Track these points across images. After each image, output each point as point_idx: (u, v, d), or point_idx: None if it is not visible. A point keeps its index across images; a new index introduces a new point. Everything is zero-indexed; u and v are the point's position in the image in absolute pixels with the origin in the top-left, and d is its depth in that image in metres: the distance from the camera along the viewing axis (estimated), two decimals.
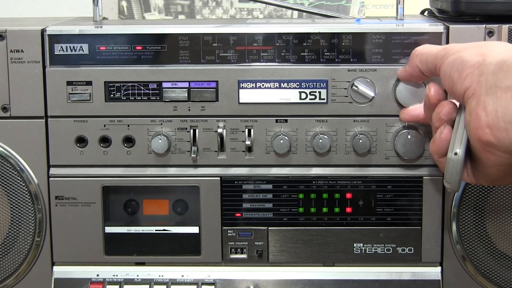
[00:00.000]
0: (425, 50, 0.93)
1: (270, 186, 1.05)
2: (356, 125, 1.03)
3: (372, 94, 1.01)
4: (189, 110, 1.03)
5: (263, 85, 1.02)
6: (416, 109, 0.98)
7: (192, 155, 1.03)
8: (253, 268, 1.07)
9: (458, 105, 0.89)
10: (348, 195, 1.05)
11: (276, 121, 1.03)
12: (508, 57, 0.78)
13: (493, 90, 0.78)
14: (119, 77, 1.02)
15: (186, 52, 1.02)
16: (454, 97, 0.85)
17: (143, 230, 1.07)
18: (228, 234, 1.06)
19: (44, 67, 1.03)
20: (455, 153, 0.84)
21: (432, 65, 0.90)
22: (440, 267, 1.06)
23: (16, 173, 1.04)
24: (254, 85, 1.02)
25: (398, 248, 1.05)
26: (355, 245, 1.06)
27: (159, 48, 1.02)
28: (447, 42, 1.00)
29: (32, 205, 1.05)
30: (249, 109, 1.03)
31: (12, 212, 1.05)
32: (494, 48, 0.82)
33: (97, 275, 1.07)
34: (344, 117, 1.02)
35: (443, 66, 0.87)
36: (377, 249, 1.06)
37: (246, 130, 1.03)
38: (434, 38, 1.00)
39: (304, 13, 1.44)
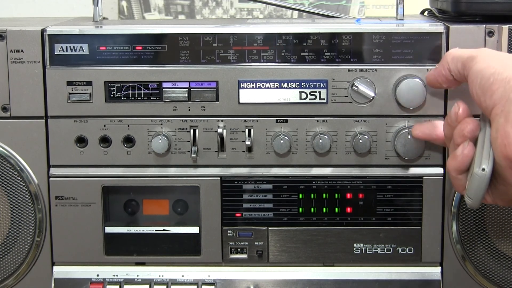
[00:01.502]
0: (459, 50, 0.91)
1: (270, 186, 1.05)
2: (356, 125, 1.03)
3: (372, 94, 1.01)
4: (189, 110, 1.03)
5: (263, 85, 1.02)
6: (430, 128, 0.97)
7: (192, 155, 1.03)
8: (253, 268, 1.07)
9: (480, 120, 0.88)
10: (348, 195, 1.05)
11: (276, 121, 1.03)
12: None
13: None
14: (119, 77, 1.02)
15: (186, 52, 1.02)
16: (480, 107, 0.83)
17: (143, 230, 1.07)
18: (228, 234, 1.06)
19: (44, 67, 1.03)
20: (483, 169, 0.83)
21: (462, 65, 0.88)
22: (440, 267, 1.06)
23: (16, 173, 1.04)
24: (254, 85, 1.02)
25: (398, 248, 1.05)
26: (355, 245, 1.06)
27: (159, 48, 1.02)
28: (447, 42, 1.00)
29: (32, 205, 1.05)
30: (249, 109, 1.03)
31: (12, 212, 1.05)
32: None
33: (97, 275, 1.07)
34: (344, 117, 1.02)
35: (471, 71, 0.85)
36: (377, 249, 1.06)
37: (246, 130, 1.03)
38: (434, 38, 1.00)
39: (304, 13, 1.44)
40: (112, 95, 1.03)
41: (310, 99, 1.02)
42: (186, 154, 1.04)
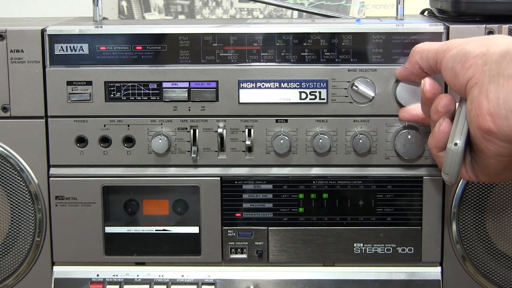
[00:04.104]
0: (426, 46, 0.93)
1: (270, 186, 1.05)
2: (356, 125, 1.03)
3: (372, 94, 1.01)
4: (189, 110, 1.03)
5: (263, 85, 1.02)
6: (416, 108, 0.98)
7: (192, 155, 1.03)
8: (253, 268, 1.07)
9: (457, 99, 0.89)
10: (348, 195, 1.05)
11: (276, 121, 1.03)
12: (511, 47, 0.79)
13: (496, 78, 0.78)
14: (119, 77, 1.03)
15: (186, 52, 1.02)
16: (455, 89, 0.85)
17: (143, 230, 1.07)
18: (228, 234, 1.06)
19: (44, 67, 1.03)
20: (455, 144, 0.85)
21: (433, 60, 0.90)
22: (440, 267, 1.06)
23: (16, 173, 1.04)
24: (254, 85, 1.02)
25: (398, 248, 1.05)
26: (355, 245, 1.06)
27: (159, 48, 1.02)
28: None
29: (32, 205, 1.05)
30: (249, 109, 1.03)
31: (12, 212, 1.05)
32: (497, 40, 0.83)
33: (97, 275, 1.07)
34: (344, 117, 1.02)
35: (444, 59, 0.87)
36: (377, 249, 1.06)
37: (246, 130, 1.03)
38: (434, 38, 1.00)
39: (304, 13, 1.44)
40: (112, 95, 1.03)
41: (310, 99, 1.02)
42: (186, 154, 1.04)
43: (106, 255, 1.07)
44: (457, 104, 0.89)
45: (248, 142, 1.03)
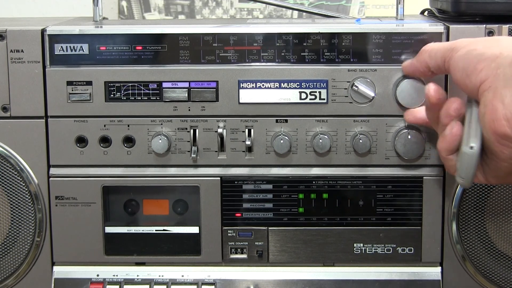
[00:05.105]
0: (435, 45, 0.93)
1: (270, 186, 1.05)
2: (356, 125, 1.03)
3: (372, 94, 1.01)
4: (189, 110, 1.03)
5: (263, 85, 1.02)
6: (421, 111, 0.98)
7: (192, 155, 1.03)
8: (253, 268, 1.07)
9: (466, 101, 0.89)
10: (348, 195, 1.05)
11: (276, 121, 1.03)
12: None
13: (511, 83, 0.78)
14: (119, 77, 1.03)
15: (186, 52, 1.02)
16: (466, 90, 0.85)
17: (143, 230, 1.07)
18: (228, 234, 1.06)
19: (44, 67, 1.03)
20: (471, 147, 0.84)
21: (441, 59, 0.90)
22: (440, 267, 1.06)
23: (16, 173, 1.04)
24: (254, 85, 1.02)
25: (398, 248, 1.06)
26: (355, 245, 1.06)
27: (159, 48, 1.02)
28: None
29: (32, 205, 1.05)
30: (249, 109, 1.03)
31: (12, 212, 1.05)
32: (507, 43, 0.82)
33: (97, 275, 1.07)
34: (344, 117, 1.02)
35: (453, 59, 0.86)
36: (377, 249, 1.06)
37: (246, 130, 1.03)
38: (434, 38, 1.00)
39: (304, 13, 1.44)
40: (112, 95, 1.03)
41: (310, 99, 1.02)
42: (186, 154, 1.04)
43: (106, 255, 1.07)
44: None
45: (248, 142, 1.03)
